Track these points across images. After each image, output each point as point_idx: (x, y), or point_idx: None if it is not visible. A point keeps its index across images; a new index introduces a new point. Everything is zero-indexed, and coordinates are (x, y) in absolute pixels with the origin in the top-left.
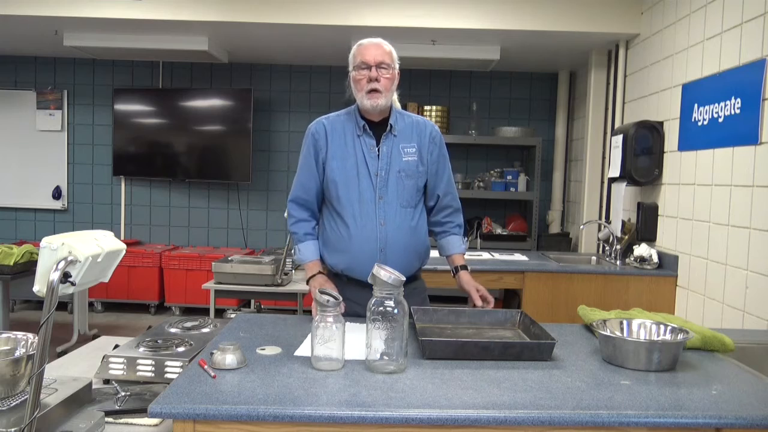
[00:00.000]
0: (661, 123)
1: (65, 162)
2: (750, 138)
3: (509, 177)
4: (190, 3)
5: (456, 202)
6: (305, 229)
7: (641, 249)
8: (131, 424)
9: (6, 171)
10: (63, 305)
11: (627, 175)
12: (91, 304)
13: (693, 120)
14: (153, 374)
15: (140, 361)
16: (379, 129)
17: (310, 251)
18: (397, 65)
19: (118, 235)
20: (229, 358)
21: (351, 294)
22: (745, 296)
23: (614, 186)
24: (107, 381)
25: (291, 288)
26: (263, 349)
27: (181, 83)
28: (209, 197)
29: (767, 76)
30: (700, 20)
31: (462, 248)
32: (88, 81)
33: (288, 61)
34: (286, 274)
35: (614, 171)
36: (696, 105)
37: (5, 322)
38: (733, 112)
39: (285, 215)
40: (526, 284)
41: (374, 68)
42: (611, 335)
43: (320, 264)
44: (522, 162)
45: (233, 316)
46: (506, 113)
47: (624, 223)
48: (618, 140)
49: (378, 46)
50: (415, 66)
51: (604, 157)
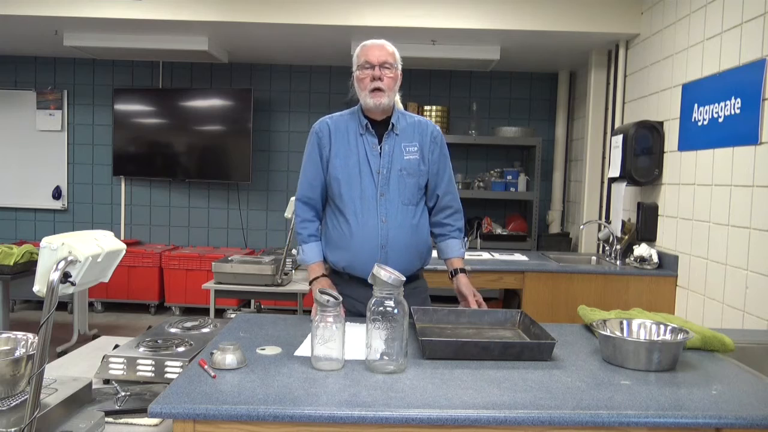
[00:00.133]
0: (661, 123)
1: (65, 162)
2: (750, 138)
3: (509, 177)
4: (190, 3)
5: (456, 203)
6: (309, 230)
7: (641, 249)
8: (131, 424)
9: (6, 171)
10: (63, 305)
11: (627, 175)
12: (91, 304)
13: (693, 120)
14: (153, 374)
15: (140, 361)
16: (382, 128)
17: (314, 253)
18: (400, 66)
19: (118, 235)
20: (229, 358)
21: (352, 292)
22: (745, 296)
23: (614, 186)
24: (107, 381)
25: (291, 288)
26: (263, 349)
27: (181, 83)
28: (209, 197)
29: (767, 76)
30: (700, 20)
31: (461, 252)
32: (88, 81)
33: (288, 61)
34: (286, 274)
35: (614, 171)
36: (696, 105)
37: (5, 322)
38: (733, 112)
39: (285, 215)
40: (526, 284)
41: (377, 68)
42: (611, 335)
43: (323, 266)
44: (522, 162)
45: (233, 316)
46: (506, 113)
47: (624, 223)
48: (618, 140)
49: (381, 47)
50: (415, 66)
51: (604, 157)
